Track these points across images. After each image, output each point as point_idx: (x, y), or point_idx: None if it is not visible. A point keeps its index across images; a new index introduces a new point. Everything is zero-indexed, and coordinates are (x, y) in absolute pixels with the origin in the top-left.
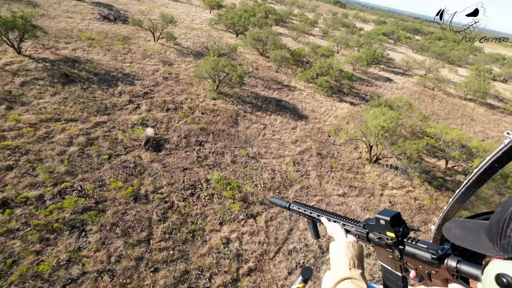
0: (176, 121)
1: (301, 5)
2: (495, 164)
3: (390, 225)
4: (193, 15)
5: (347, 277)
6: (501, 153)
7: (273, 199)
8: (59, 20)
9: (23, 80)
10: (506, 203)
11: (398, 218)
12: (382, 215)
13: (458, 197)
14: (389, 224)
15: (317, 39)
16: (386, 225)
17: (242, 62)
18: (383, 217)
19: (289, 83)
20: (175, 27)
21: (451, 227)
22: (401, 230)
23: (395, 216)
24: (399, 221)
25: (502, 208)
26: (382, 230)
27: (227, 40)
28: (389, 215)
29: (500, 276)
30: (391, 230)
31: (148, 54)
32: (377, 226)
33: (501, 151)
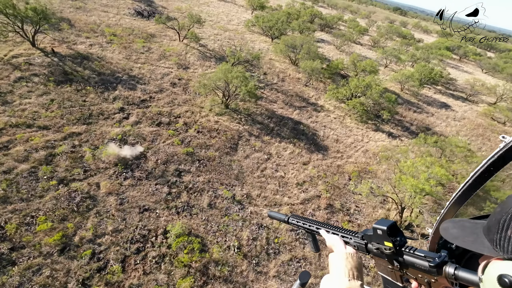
0: (162, 140)
1: (355, 10)
2: (491, 168)
3: (387, 234)
4: (232, 15)
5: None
6: (497, 157)
7: (272, 213)
8: (91, 14)
9: (20, 76)
10: (505, 204)
11: (395, 228)
12: (379, 225)
13: (455, 201)
14: (386, 234)
15: (364, 49)
16: (383, 234)
17: (268, 71)
18: (380, 227)
19: (316, 101)
20: (208, 27)
21: (449, 227)
22: (398, 239)
23: (392, 226)
24: (396, 231)
25: (502, 208)
26: (380, 240)
27: (260, 44)
28: (385, 224)
29: (502, 277)
30: (388, 240)
31: (167, 55)
32: (375, 236)
33: (496, 154)
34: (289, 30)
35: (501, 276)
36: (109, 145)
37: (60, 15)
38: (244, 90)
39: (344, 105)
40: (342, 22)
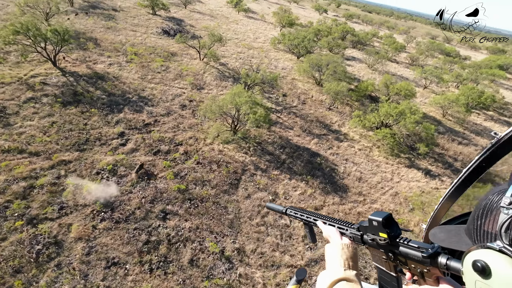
0: (156, 171)
1: (392, 25)
2: (483, 164)
3: (382, 225)
4: (260, 33)
5: (342, 278)
6: (489, 153)
7: (270, 204)
8: (120, 33)
9: (31, 96)
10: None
11: (390, 219)
12: (375, 216)
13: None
14: (381, 225)
15: (400, 68)
16: (379, 226)
17: (289, 92)
18: (375, 218)
19: (339, 128)
20: (232, 45)
21: (436, 233)
22: (393, 230)
23: (387, 217)
24: (391, 222)
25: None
26: (375, 231)
27: (284, 63)
28: (381, 216)
29: (476, 262)
30: (383, 231)
31: (183, 74)
32: (370, 227)
33: (488, 151)
34: (317, 47)
35: (474, 262)
36: (98, 176)
37: (90, 34)
38: (252, 119)
39: (372, 134)
40: (377, 38)
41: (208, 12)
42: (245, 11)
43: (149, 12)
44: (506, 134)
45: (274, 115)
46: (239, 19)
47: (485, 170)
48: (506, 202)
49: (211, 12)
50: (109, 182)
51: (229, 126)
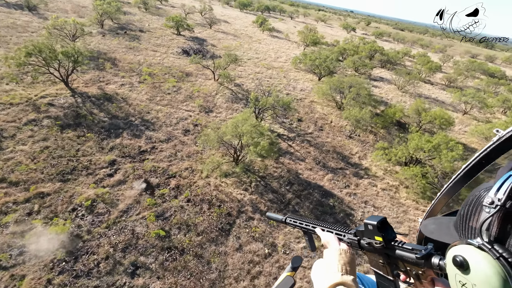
0: (137, 211)
1: (426, 43)
2: (483, 161)
3: (377, 229)
4: (282, 52)
5: (339, 282)
6: (489, 150)
7: (270, 214)
8: (140, 53)
9: (32, 118)
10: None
11: (385, 223)
12: (370, 220)
13: (446, 192)
14: (376, 229)
15: (435, 90)
16: (374, 229)
17: (305, 116)
18: (370, 222)
19: (360, 161)
20: (251, 65)
21: (427, 224)
22: (388, 234)
23: (382, 221)
24: (386, 226)
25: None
26: (371, 235)
27: (304, 84)
28: (376, 219)
29: (455, 257)
30: (378, 234)
31: (194, 95)
32: (366, 231)
33: (489, 148)
34: (341, 68)
35: (454, 257)
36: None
37: (111, 55)
38: (252, 151)
39: (400, 170)
40: (409, 57)
41: (232, 32)
42: (270, 30)
43: (174, 32)
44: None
45: (284, 143)
46: (262, 39)
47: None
48: (488, 201)
49: (235, 32)
50: (82, 222)
51: (232, 156)
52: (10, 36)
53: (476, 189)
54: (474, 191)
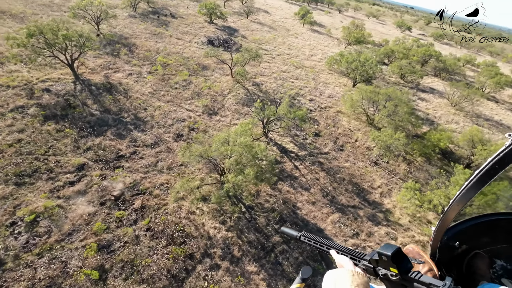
0: (81, 236)
1: (497, 51)
2: (496, 166)
3: (392, 261)
4: (319, 49)
5: None
6: (503, 155)
7: (285, 229)
8: (162, 41)
9: (21, 105)
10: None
11: (400, 254)
12: (384, 251)
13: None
14: (390, 260)
15: (501, 111)
16: (388, 260)
17: (325, 130)
18: (384, 253)
19: (381, 199)
20: (279, 62)
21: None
22: (404, 265)
23: (396, 252)
24: (401, 257)
25: None
26: (386, 266)
27: (334, 89)
28: (390, 250)
29: None
30: (393, 266)
31: (203, 93)
32: (381, 261)
33: (502, 152)
34: (384, 73)
35: None
36: None
37: (132, 40)
38: (239, 181)
39: (433, 220)
40: (472, 66)
41: (269, 23)
42: (311, 24)
43: (207, 20)
44: None
45: (290, 164)
46: (300, 32)
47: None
48: None
49: (272, 23)
50: (14, 243)
51: (218, 175)
52: (42, 14)
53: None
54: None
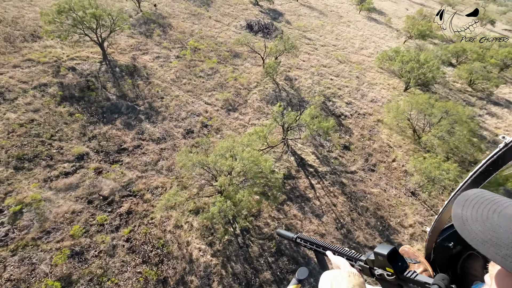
0: (59, 237)
1: None
2: (490, 168)
3: (388, 260)
4: (372, 41)
5: None
6: (496, 157)
7: (280, 231)
8: (200, 22)
9: (44, 82)
10: None
11: (395, 253)
12: (380, 250)
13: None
14: (386, 260)
15: None
16: (384, 260)
17: (357, 144)
18: (381, 252)
19: (410, 242)
20: (321, 54)
21: (467, 218)
22: (399, 265)
23: (392, 252)
24: (396, 256)
25: None
26: (382, 265)
27: (381, 92)
28: (386, 250)
29: None
30: (389, 266)
31: (227, 84)
32: (377, 261)
33: (496, 154)
34: (448, 77)
35: None
36: None
37: (169, 20)
38: (219, 203)
39: None
40: None
41: (320, 8)
42: (369, 11)
43: (252, 1)
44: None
45: (305, 181)
46: (354, 20)
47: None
48: None
49: (324, 8)
50: None
51: None
52: None
53: None
54: None
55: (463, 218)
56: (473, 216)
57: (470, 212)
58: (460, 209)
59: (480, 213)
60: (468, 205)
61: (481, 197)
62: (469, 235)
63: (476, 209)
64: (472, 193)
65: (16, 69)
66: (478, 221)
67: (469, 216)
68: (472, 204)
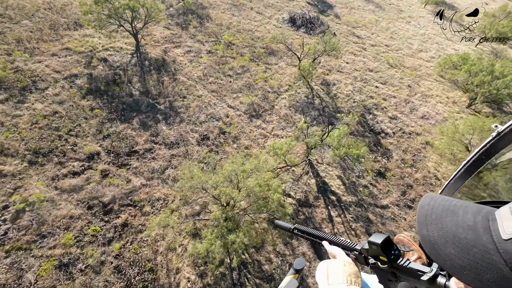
0: (52, 243)
1: None
2: (483, 156)
3: (381, 249)
4: (435, 42)
5: None
6: (489, 146)
7: (278, 222)
8: (240, 14)
9: (75, 73)
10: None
11: (389, 242)
12: (374, 239)
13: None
14: (380, 249)
15: None
16: (378, 249)
17: (396, 170)
18: (374, 241)
19: None
20: (368, 55)
21: (436, 242)
22: (392, 253)
23: (386, 240)
24: (390, 245)
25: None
26: (376, 254)
27: (437, 106)
28: (379, 239)
29: None
30: (383, 254)
31: (255, 86)
32: (371, 250)
33: (488, 143)
34: None
35: None
36: None
37: (209, 10)
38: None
39: None
40: None
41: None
42: (436, 4)
43: None
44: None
45: (324, 211)
46: (417, 16)
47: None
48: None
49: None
50: None
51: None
52: None
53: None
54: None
55: (432, 242)
56: (440, 236)
57: (436, 231)
58: (425, 229)
59: (445, 230)
60: (431, 223)
61: (436, 207)
62: (445, 262)
63: (440, 226)
64: (426, 203)
65: (53, 58)
66: (448, 242)
67: (437, 238)
68: (434, 221)
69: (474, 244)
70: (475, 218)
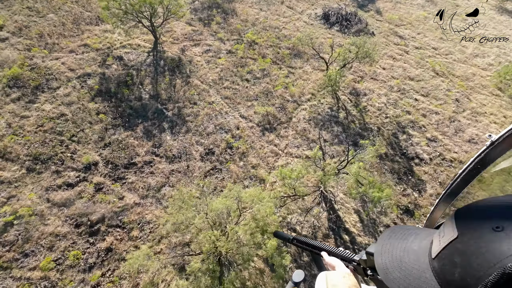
0: (33, 263)
1: None
2: (478, 166)
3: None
4: (495, 45)
5: None
6: (484, 155)
7: (278, 232)
8: (268, 8)
9: (88, 72)
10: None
11: None
12: (371, 250)
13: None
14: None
15: None
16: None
17: (428, 210)
18: (372, 252)
19: None
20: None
21: (388, 270)
22: None
23: None
24: None
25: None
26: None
27: (487, 127)
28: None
29: None
30: None
31: (274, 93)
32: (369, 261)
33: (483, 153)
34: None
35: None
36: None
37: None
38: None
39: None
40: None
41: None
42: None
43: None
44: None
45: None
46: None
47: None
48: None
49: None
50: None
51: None
52: None
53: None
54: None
55: (384, 268)
56: (391, 261)
57: (388, 258)
58: (380, 258)
59: (395, 256)
60: (385, 252)
61: (393, 237)
62: (393, 285)
63: (392, 253)
64: (386, 235)
65: (70, 55)
66: (395, 268)
67: (388, 263)
68: (388, 249)
69: (414, 266)
70: (421, 242)
